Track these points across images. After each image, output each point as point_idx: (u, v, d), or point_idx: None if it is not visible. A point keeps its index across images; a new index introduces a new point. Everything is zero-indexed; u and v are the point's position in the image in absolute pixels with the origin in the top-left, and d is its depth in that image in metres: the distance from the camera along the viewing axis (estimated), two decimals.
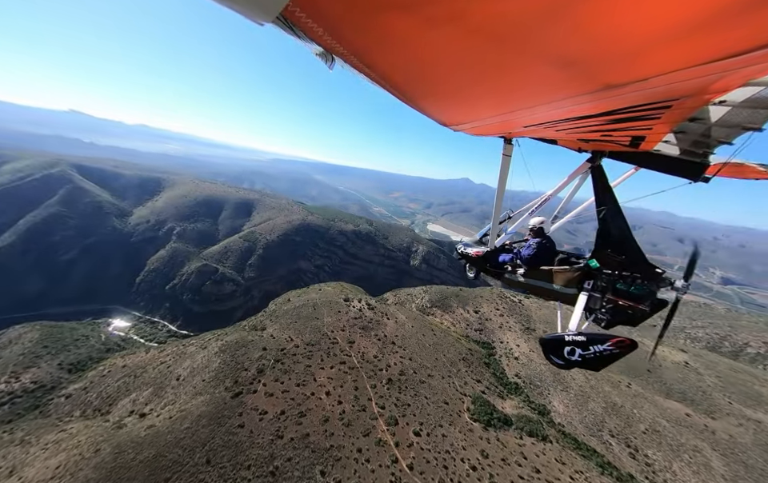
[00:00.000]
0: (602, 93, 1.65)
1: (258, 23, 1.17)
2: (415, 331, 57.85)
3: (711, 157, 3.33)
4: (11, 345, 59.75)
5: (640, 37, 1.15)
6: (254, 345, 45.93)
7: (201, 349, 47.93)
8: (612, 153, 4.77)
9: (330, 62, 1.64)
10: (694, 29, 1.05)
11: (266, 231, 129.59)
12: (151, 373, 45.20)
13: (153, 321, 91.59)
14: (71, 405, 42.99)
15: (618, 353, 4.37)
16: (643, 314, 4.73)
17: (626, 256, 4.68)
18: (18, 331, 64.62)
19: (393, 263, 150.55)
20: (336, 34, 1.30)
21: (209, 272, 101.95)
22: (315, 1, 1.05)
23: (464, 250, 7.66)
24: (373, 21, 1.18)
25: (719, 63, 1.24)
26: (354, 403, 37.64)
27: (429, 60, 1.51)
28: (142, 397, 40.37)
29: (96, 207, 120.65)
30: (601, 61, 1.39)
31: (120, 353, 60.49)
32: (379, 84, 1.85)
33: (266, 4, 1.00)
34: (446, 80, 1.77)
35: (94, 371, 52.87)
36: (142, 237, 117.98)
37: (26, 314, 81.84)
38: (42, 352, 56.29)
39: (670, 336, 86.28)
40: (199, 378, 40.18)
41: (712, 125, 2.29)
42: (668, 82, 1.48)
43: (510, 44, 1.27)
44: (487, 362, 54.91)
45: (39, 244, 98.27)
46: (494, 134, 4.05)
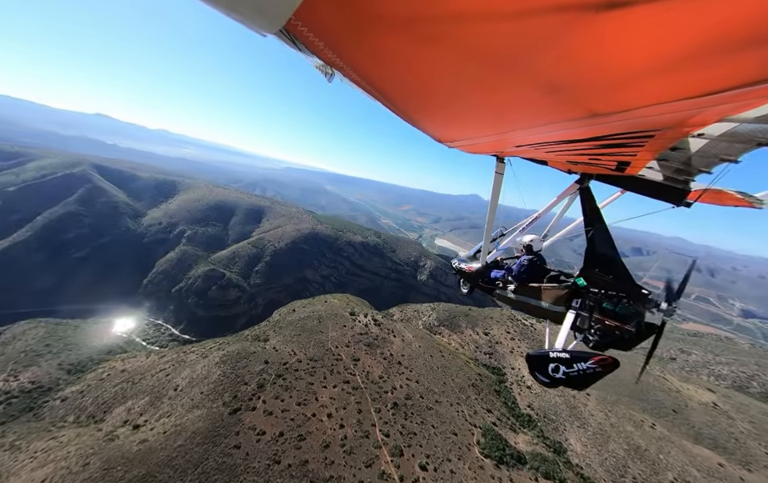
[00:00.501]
0: (589, 120, 1.76)
1: (262, 34, 1.23)
2: (422, 351, 55.36)
3: (692, 183, 3.40)
4: (15, 340, 59.59)
5: (624, 71, 1.23)
6: (256, 357, 44.30)
7: (201, 358, 46.54)
8: (600, 175, 4.89)
9: (329, 75, 1.72)
10: (674, 67, 1.14)
11: (274, 238, 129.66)
12: (149, 381, 43.86)
13: (156, 324, 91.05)
14: (66, 410, 41.79)
15: (601, 371, 4.36)
16: (630, 336, 4.65)
17: (613, 275, 4.72)
18: (23, 327, 64.70)
19: (399, 277, 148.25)
20: (336, 49, 1.35)
21: (215, 277, 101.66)
22: (317, 16, 1.10)
23: (458, 265, 7.73)
24: (371, 37, 1.23)
25: (697, 100, 1.33)
26: (357, 428, 35.34)
27: (423, 77, 1.58)
28: (137, 406, 38.91)
29: (112, 207, 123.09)
30: (588, 90, 1.47)
31: (121, 356, 59.58)
32: (376, 98, 1.91)
33: (270, 17, 1.05)
34: (440, 98, 1.86)
35: (93, 373, 51.90)
36: (153, 239, 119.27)
37: (35, 309, 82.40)
38: (43, 350, 55.81)
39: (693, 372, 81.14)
40: (197, 390, 38.60)
41: (692, 155, 2.39)
42: (650, 114, 1.58)
43: (501, 68, 1.33)
44: (498, 390, 51.82)
45: (54, 241, 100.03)
46: (487, 153, 4.16)
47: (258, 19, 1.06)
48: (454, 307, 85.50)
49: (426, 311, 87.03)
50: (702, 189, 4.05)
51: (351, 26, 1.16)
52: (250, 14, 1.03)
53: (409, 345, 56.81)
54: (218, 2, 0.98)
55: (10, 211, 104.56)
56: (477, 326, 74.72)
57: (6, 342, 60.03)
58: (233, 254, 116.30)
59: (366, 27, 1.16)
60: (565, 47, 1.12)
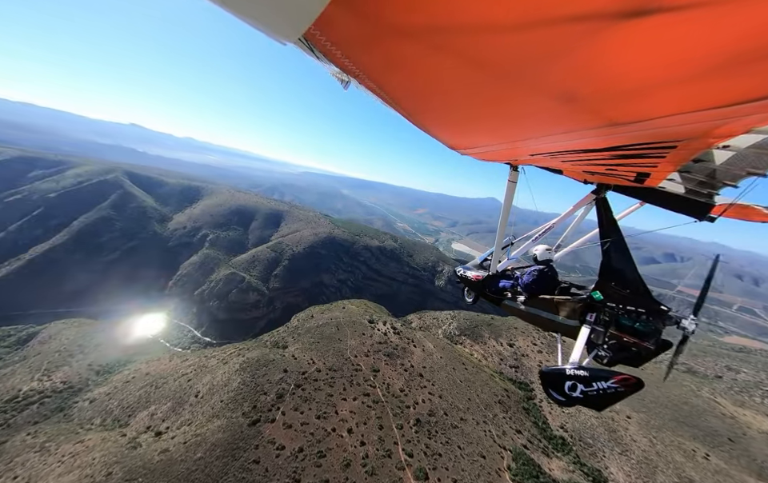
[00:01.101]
0: (607, 129, 1.71)
1: (281, 42, 1.28)
2: (444, 363, 52.90)
3: (716, 197, 3.19)
4: (51, 339, 62.45)
5: (645, 79, 1.20)
6: (276, 366, 43.61)
7: (222, 364, 46.45)
8: (617, 186, 4.64)
9: (345, 83, 1.77)
10: (698, 76, 1.10)
11: (292, 242, 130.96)
12: (171, 385, 44.15)
13: (180, 325, 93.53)
14: (93, 411, 42.71)
15: (623, 391, 4.13)
16: (648, 353, 4.49)
17: (630, 290, 4.54)
18: (59, 326, 67.89)
19: (417, 282, 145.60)
20: (352, 57, 1.39)
21: (236, 280, 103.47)
22: (335, 26, 1.13)
23: (464, 273, 7.50)
24: (386, 47, 1.26)
25: (722, 110, 1.28)
26: (379, 446, 33.56)
27: (437, 86, 1.59)
28: (160, 411, 39.05)
29: (141, 211, 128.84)
30: (606, 99, 1.44)
31: (145, 358, 61.01)
32: (390, 105, 1.95)
33: (290, 26, 1.10)
34: (453, 106, 1.87)
35: (119, 375, 53.21)
36: (178, 242, 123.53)
37: (70, 309, 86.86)
38: (75, 350, 58.01)
39: (744, 392, 73.47)
40: (218, 398, 38.23)
41: (717, 168, 2.28)
42: (672, 124, 1.53)
43: (516, 77, 1.33)
44: (526, 408, 48.45)
45: (88, 244, 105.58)
46: (500, 161, 4.12)
47: (279, 28, 1.12)
48: (476, 315, 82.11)
49: (445, 319, 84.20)
50: (727, 204, 3.84)
51: (368, 36, 1.19)
52: (271, 24, 1.08)
53: (430, 355, 54.52)
54: (242, 12, 1.02)
55: (50, 216, 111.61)
56: (500, 337, 71.15)
57: (44, 341, 63.12)
58: (252, 258, 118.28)
59: (382, 37, 1.18)
60: (582, 56, 1.10)
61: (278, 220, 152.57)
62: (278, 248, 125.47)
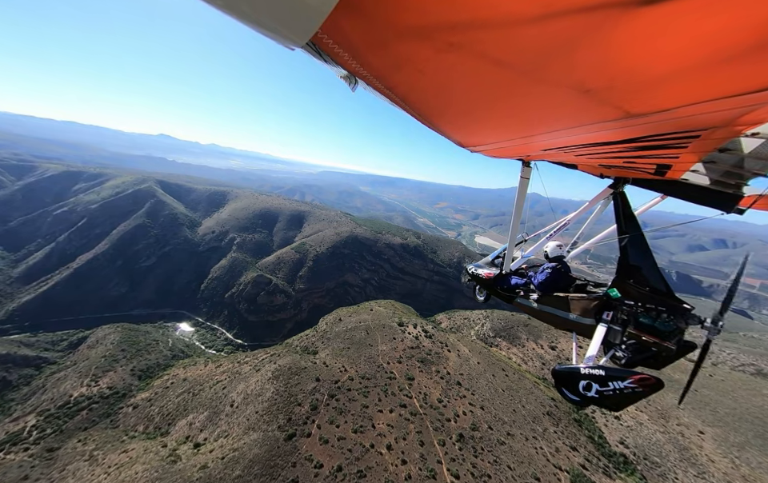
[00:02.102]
0: (624, 121, 1.65)
1: (289, 48, 1.27)
2: (483, 369, 49.52)
3: (745, 188, 3.07)
4: (98, 345, 65.72)
5: (665, 67, 1.14)
6: (307, 374, 42.45)
7: (254, 371, 46.07)
8: (636, 179, 4.48)
9: (353, 84, 1.74)
10: (723, 60, 1.03)
11: (315, 243, 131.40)
12: (207, 393, 44.35)
13: (213, 328, 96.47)
14: (136, 418, 43.79)
15: (641, 392, 3.94)
16: (668, 354, 4.31)
17: (650, 287, 4.36)
18: (105, 331, 71.47)
19: (442, 279, 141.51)
20: (360, 59, 1.38)
21: (263, 283, 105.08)
22: (342, 29, 1.12)
23: (475, 271, 7.35)
24: (393, 48, 1.25)
25: (750, 96, 1.21)
26: (421, 465, 31.19)
27: (447, 85, 1.58)
28: (197, 420, 39.08)
29: (172, 218, 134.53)
30: (623, 91, 1.38)
31: (183, 362, 62.66)
32: (400, 106, 1.93)
33: (297, 32, 1.09)
34: (463, 103, 1.84)
35: (159, 380, 54.72)
36: (208, 247, 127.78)
37: (113, 314, 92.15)
38: (119, 355, 60.55)
39: None
40: (252, 408, 37.55)
41: (745, 157, 2.16)
42: (695, 113, 1.47)
43: (527, 72, 1.29)
44: (578, 419, 44.08)
45: (126, 251, 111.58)
46: (512, 157, 4.04)
47: (286, 34, 1.10)
48: (510, 315, 77.36)
49: (477, 319, 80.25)
50: (756, 195, 3.59)
51: (376, 38, 1.18)
52: (278, 30, 1.07)
53: (466, 361, 51.32)
54: (249, 19, 1.01)
55: (93, 226, 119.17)
56: (540, 338, 66.30)
57: (92, 346, 66.67)
58: (278, 260, 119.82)
59: (390, 38, 1.17)
60: (598, 46, 1.05)
61: (301, 221, 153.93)
62: (301, 249, 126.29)
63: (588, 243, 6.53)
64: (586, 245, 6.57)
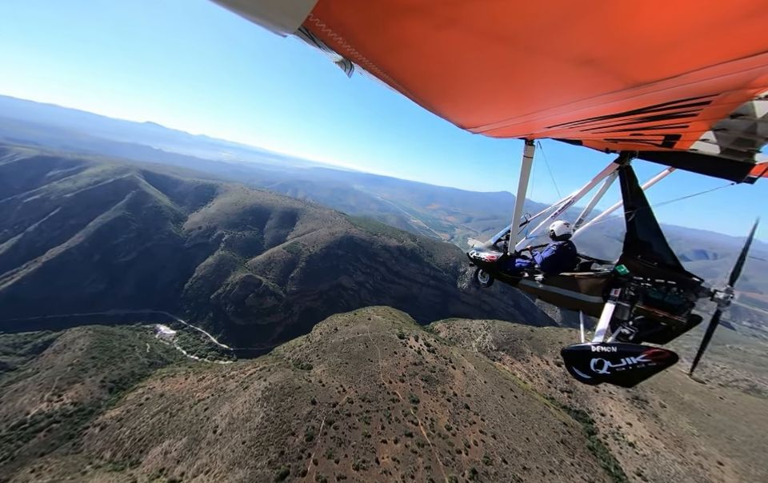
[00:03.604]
0: (631, 91, 1.58)
1: (281, 35, 1.23)
2: (490, 389, 46.26)
3: (757, 155, 2.98)
4: (65, 350, 59.29)
5: (671, 32, 1.07)
6: (302, 395, 38.13)
7: (242, 389, 41.39)
8: (643, 152, 4.43)
9: (348, 69, 1.70)
10: (733, 20, 0.96)
11: (309, 243, 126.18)
12: (187, 414, 39.41)
13: (196, 331, 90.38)
14: (104, 442, 38.46)
15: (655, 366, 3.86)
16: (678, 327, 4.29)
17: (659, 262, 4.31)
18: (75, 334, 64.83)
19: (438, 284, 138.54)
20: (355, 42, 1.35)
21: (252, 284, 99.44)
22: (335, 12, 1.09)
23: (477, 255, 7.30)
24: (388, 28, 1.22)
25: (764, 55, 1.13)
26: None
27: (446, 63, 1.53)
28: (174, 449, 34.21)
29: (156, 211, 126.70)
30: (627, 59, 1.31)
31: (161, 372, 57.10)
32: (397, 89, 1.89)
33: (288, 17, 1.06)
34: (463, 82, 1.79)
35: (133, 393, 49.22)
36: (194, 243, 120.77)
37: (86, 314, 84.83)
38: (89, 364, 54.50)
39: None
40: (239, 436, 33.00)
41: (758, 121, 2.09)
42: (706, 77, 1.40)
43: (527, 46, 1.25)
44: (591, 447, 41.36)
45: (104, 245, 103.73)
46: (515, 136, 4.00)
47: (278, 20, 1.07)
48: (512, 326, 74.73)
49: (478, 330, 77.20)
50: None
51: (369, 18, 1.15)
52: (269, 16, 1.03)
53: (473, 379, 47.96)
54: (239, 7, 0.99)
55: (67, 216, 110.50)
56: (545, 353, 63.73)
57: (58, 351, 60.11)
58: (268, 260, 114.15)
59: (384, 18, 1.14)
60: (599, 14, 1.00)
61: (294, 218, 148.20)
62: (294, 249, 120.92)
63: (593, 220, 6.40)
64: (591, 222, 6.46)
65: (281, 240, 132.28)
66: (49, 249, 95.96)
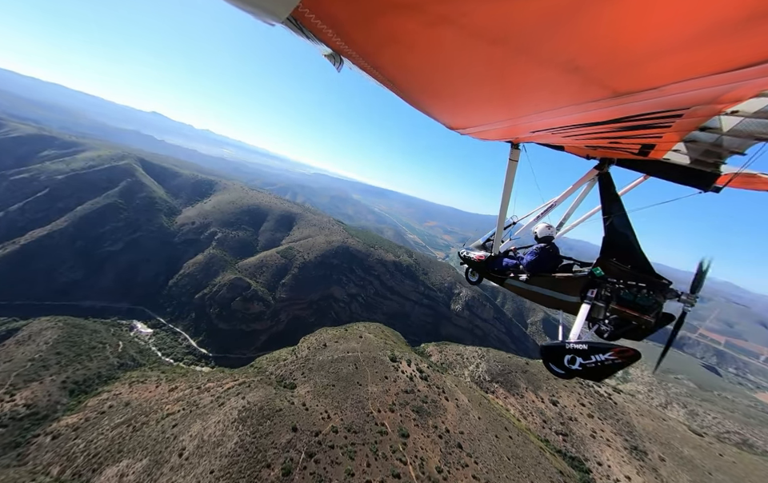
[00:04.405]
0: (611, 100, 1.69)
1: (269, 24, 1.23)
2: (485, 427, 43.23)
3: (722, 167, 3.23)
4: (28, 342, 54.72)
5: (651, 45, 1.14)
6: (282, 420, 34.74)
7: (217, 405, 37.79)
8: (621, 160, 4.70)
9: (338, 64, 1.71)
10: (708, 38, 1.04)
11: (304, 249, 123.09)
12: (152, 430, 35.56)
13: (175, 332, 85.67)
14: (53, 454, 34.30)
15: (620, 362, 4.13)
16: (648, 326, 4.59)
17: (632, 265, 4.53)
18: (42, 324, 60.25)
19: (431, 304, 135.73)
20: (344, 36, 1.35)
21: (241, 287, 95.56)
22: (324, 3, 1.09)
23: (467, 254, 7.53)
24: (379, 23, 1.22)
25: (733, 73, 1.24)
26: None
27: (434, 62, 1.56)
28: (132, 471, 30.37)
29: (149, 202, 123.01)
30: (610, 69, 1.40)
31: (130, 376, 52.80)
32: (386, 85, 1.91)
33: (276, 6, 1.05)
34: (450, 83, 1.82)
35: (96, 398, 44.99)
36: (184, 238, 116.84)
37: (59, 303, 79.89)
38: (51, 360, 50.11)
39: None
40: (207, 464, 29.41)
41: (723, 135, 2.28)
42: (679, 91, 1.50)
43: (515, 49, 1.29)
44: None
45: (89, 232, 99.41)
46: (501, 139, 4.11)
47: (266, 8, 1.06)
48: (507, 357, 72.01)
49: (471, 357, 74.27)
50: (732, 173, 3.79)
51: (359, 12, 1.15)
52: (257, 4, 1.03)
53: (466, 414, 44.93)
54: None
55: (55, 198, 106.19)
56: (540, 389, 60.99)
57: (21, 342, 55.45)
58: (260, 262, 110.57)
59: (375, 12, 1.14)
60: (584, 23, 1.05)
61: (291, 223, 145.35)
62: (288, 254, 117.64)
63: (573, 223, 6.56)
64: (571, 225, 6.61)
65: (276, 243, 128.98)
66: (30, 230, 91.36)
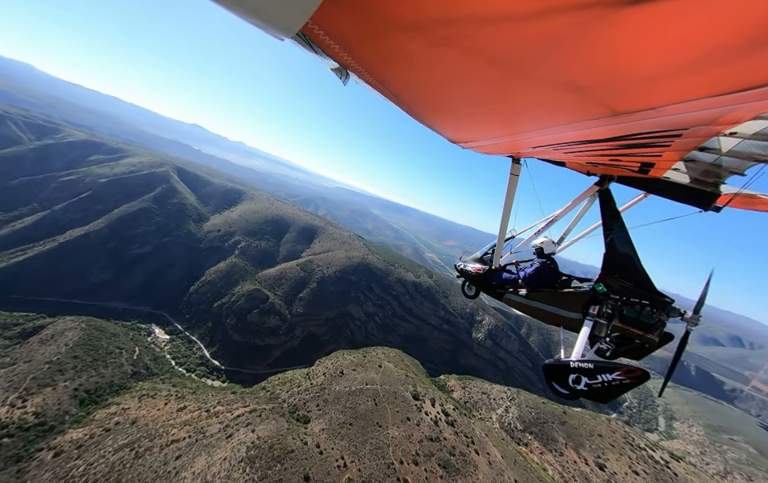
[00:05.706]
0: (611, 119, 1.72)
1: (279, 38, 1.27)
2: None
3: (722, 187, 3.18)
4: (51, 341, 54.81)
5: (650, 67, 1.17)
6: (294, 463, 30.66)
7: (224, 438, 34.43)
8: (621, 177, 4.68)
9: (344, 77, 1.75)
10: (706, 62, 1.07)
11: (324, 263, 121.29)
12: (155, 459, 32.62)
13: (191, 340, 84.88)
14: (52, 474, 32.03)
15: (629, 383, 4.03)
16: (651, 344, 4.57)
17: (634, 282, 4.53)
18: (67, 324, 60.71)
19: (451, 329, 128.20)
20: (351, 51, 1.38)
21: (259, 298, 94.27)
22: (333, 20, 1.12)
23: (464, 267, 7.40)
24: (385, 41, 1.26)
25: (731, 96, 1.26)
26: None
27: (437, 79, 1.60)
28: None
29: (180, 208, 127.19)
30: (610, 89, 1.42)
31: (140, 388, 51.06)
32: (391, 99, 1.95)
33: (287, 21, 1.09)
34: (454, 99, 1.87)
35: (105, 411, 43.16)
36: (209, 245, 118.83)
37: (87, 302, 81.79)
38: (68, 364, 49.42)
39: None
40: None
41: (723, 155, 2.28)
42: (678, 112, 1.52)
43: (517, 69, 1.31)
44: None
45: (122, 234, 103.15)
46: (502, 154, 4.24)
47: (276, 23, 1.10)
48: (541, 403, 64.05)
49: (500, 398, 66.92)
50: (732, 193, 3.82)
51: (366, 30, 1.18)
52: (268, 19, 1.06)
53: (500, 474, 38.60)
54: (238, 8, 1.01)
55: (95, 201, 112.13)
56: (582, 448, 52.85)
57: (44, 341, 55.75)
58: (280, 274, 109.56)
59: (381, 31, 1.17)
60: (585, 45, 1.08)
61: (312, 235, 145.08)
62: (307, 267, 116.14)
63: (573, 239, 6.53)
64: (572, 240, 6.56)
65: (296, 255, 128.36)
66: (70, 229, 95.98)
